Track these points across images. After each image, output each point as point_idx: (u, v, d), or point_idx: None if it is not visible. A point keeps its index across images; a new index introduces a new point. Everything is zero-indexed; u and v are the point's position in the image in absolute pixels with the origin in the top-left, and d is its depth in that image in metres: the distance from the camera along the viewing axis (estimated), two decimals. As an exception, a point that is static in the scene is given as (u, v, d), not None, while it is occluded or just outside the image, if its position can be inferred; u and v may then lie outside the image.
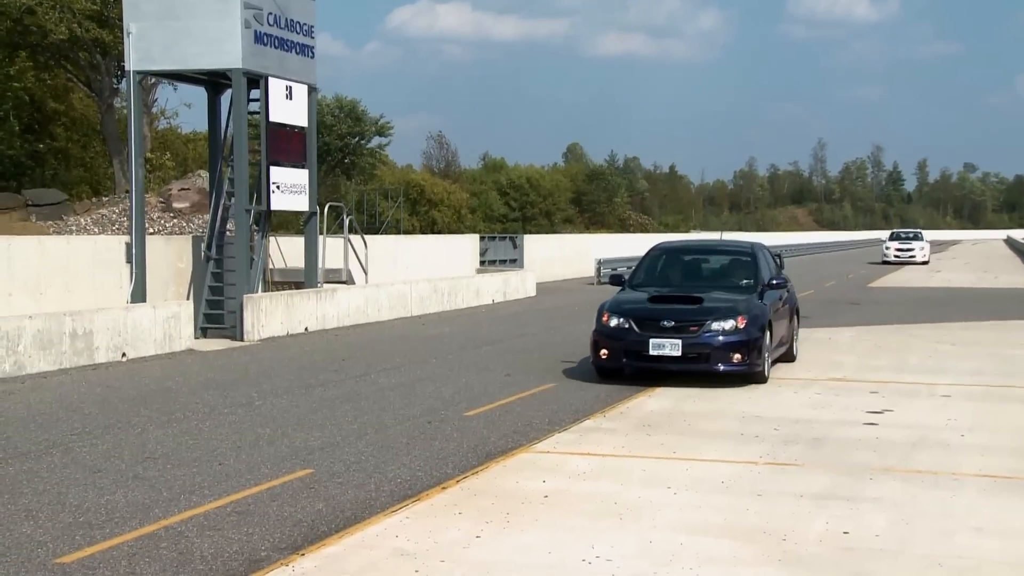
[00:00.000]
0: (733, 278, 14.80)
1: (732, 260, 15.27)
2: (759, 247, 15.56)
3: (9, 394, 13.52)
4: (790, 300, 15.73)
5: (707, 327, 13.15)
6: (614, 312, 13.62)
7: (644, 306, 13.62)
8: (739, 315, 13.25)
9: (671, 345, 13.08)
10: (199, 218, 29.06)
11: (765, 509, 7.82)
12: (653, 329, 13.22)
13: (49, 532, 7.33)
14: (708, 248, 16.61)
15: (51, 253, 20.03)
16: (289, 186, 21.58)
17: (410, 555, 6.70)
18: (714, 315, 13.25)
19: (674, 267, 15.24)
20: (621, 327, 13.41)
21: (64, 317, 16.01)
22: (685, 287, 14.45)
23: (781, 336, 14.76)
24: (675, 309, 13.43)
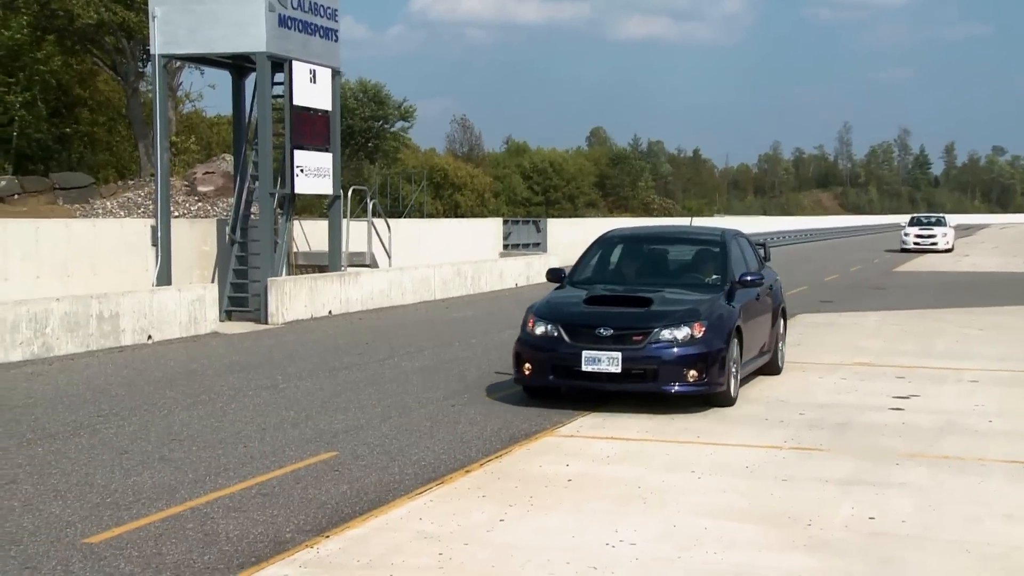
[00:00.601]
0: (697, 273, 12.15)
1: (697, 252, 12.54)
2: (732, 235, 12.76)
3: (37, 376, 13.62)
4: (773, 299, 13.05)
5: (655, 336, 10.55)
6: (541, 317, 11.00)
7: (578, 309, 11.04)
8: (696, 321, 10.66)
9: (608, 359, 10.47)
10: (223, 201, 29.15)
11: (790, 494, 7.79)
12: (587, 338, 10.62)
13: (77, 512, 7.38)
14: (668, 236, 13.46)
15: (78, 236, 20.15)
16: (313, 169, 21.62)
17: (434, 538, 6.72)
18: (664, 321, 10.65)
19: (626, 260, 12.58)
20: (548, 335, 10.83)
21: (91, 300, 16.11)
22: (637, 284, 11.80)
23: (761, 344, 12.35)
24: (615, 313, 10.88)
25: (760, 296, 12.31)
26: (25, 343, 14.90)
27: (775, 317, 12.99)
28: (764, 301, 12.51)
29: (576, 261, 12.59)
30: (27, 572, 6.20)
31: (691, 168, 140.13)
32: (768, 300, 12.76)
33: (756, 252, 13.36)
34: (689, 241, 12.90)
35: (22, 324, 14.87)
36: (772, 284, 13.18)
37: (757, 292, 12.19)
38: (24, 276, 18.88)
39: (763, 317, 12.45)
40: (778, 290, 13.49)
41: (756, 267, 12.86)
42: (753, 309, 11.95)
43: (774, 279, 13.42)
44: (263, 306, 20.24)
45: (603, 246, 12.79)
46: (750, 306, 11.83)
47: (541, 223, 43.69)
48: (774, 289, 13.24)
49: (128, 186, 32.07)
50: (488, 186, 66.69)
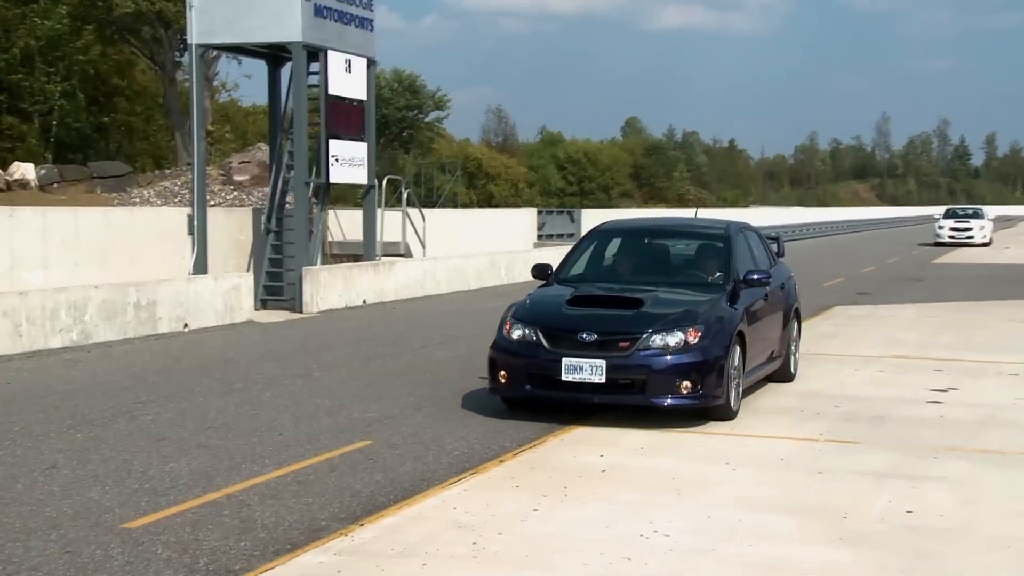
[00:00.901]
0: (697, 271, 11.12)
1: (698, 247, 11.48)
2: (737, 229, 11.65)
3: (76, 363, 13.77)
4: (784, 300, 11.97)
5: (644, 342, 9.51)
6: (519, 319, 10.00)
7: (559, 311, 10.04)
8: (691, 325, 9.63)
9: (592, 367, 9.44)
10: (259, 191, 29.31)
11: (826, 486, 7.75)
12: (568, 344, 9.60)
13: (116, 498, 7.47)
14: (667, 230, 12.13)
15: (116, 224, 20.33)
16: (348, 159, 21.69)
17: (467, 527, 6.74)
18: (655, 325, 9.62)
19: (620, 255, 11.56)
20: (526, 340, 9.81)
21: (128, 288, 16.26)
22: (630, 282, 10.74)
23: (769, 350, 11.31)
24: (601, 316, 9.87)
25: (769, 296, 11.22)
26: (64, 330, 15.07)
27: (786, 319, 11.90)
28: (774, 302, 11.44)
29: (565, 256, 11.58)
30: (67, 556, 6.28)
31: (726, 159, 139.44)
32: (778, 300, 11.69)
33: (767, 247, 12.31)
34: (690, 235, 11.79)
35: (61, 311, 15.04)
36: (784, 283, 12.09)
37: (765, 292, 11.10)
38: (63, 264, 19.08)
39: (771, 319, 11.35)
40: (791, 289, 12.39)
41: (766, 264, 11.82)
42: (760, 311, 10.90)
43: (786, 277, 12.34)
44: (298, 295, 20.34)
45: (595, 239, 11.69)
46: (756, 308, 10.78)
47: (575, 214, 43.63)
48: (786, 288, 12.14)
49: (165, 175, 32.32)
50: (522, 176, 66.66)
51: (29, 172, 28.58)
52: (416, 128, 61.36)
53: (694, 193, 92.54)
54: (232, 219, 23.12)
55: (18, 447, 8.96)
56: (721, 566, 6.08)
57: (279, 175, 22.19)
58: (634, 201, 79.97)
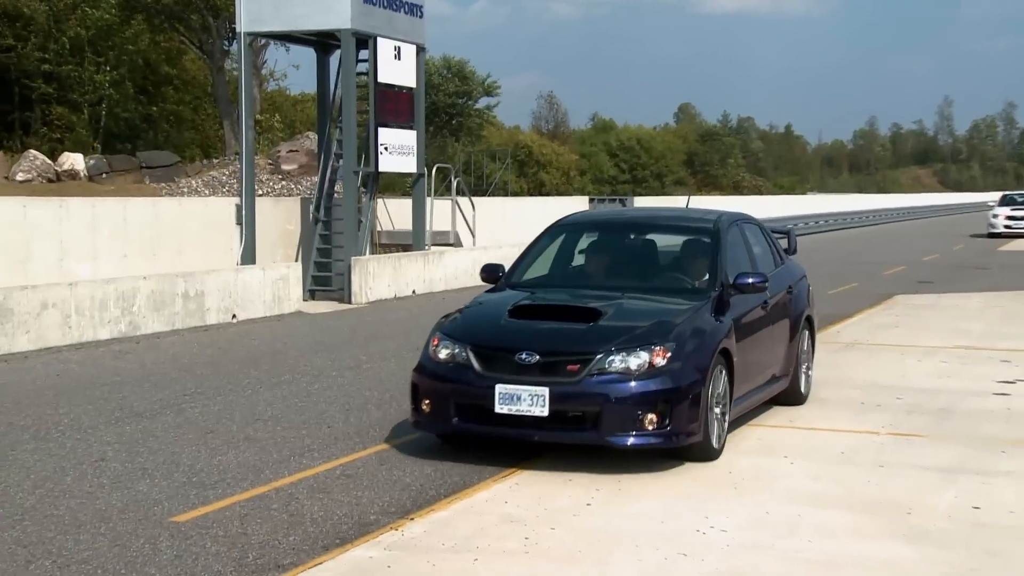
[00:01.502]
0: (678, 273, 9.44)
1: (682, 244, 9.79)
2: (730, 222, 9.90)
3: (125, 354, 13.92)
4: (792, 307, 10.26)
5: (598, 364, 7.83)
6: (448, 335, 8.39)
7: (496, 325, 8.43)
8: (660, 342, 7.95)
9: (532, 397, 7.79)
10: (307, 180, 29.46)
11: (888, 481, 7.63)
12: (504, 366, 7.97)
13: (164, 491, 7.52)
14: (643, 223, 10.35)
15: (164, 215, 20.53)
16: (397, 147, 21.73)
17: (519, 521, 6.71)
18: (614, 342, 7.95)
19: (587, 254, 9.90)
20: (454, 361, 8.19)
21: (177, 278, 16.41)
22: (596, 288, 9.15)
23: (768, 369, 9.63)
24: (546, 331, 8.23)
25: (769, 304, 9.55)
26: (113, 321, 15.24)
27: (794, 330, 10.17)
28: (777, 310, 9.80)
29: (520, 254, 9.95)
30: (116, 549, 6.33)
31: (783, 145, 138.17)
32: (783, 308, 10.02)
33: (773, 243, 10.70)
34: (671, 229, 10.02)
35: (110, 302, 15.21)
36: (792, 286, 10.38)
37: (764, 299, 9.40)
38: (112, 254, 19.31)
39: (772, 332, 9.65)
40: (801, 293, 10.58)
41: (770, 263, 10.22)
42: (756, 322, 9.23)
43: (795, 279, 10.61)
44: (346, 285, 20.43)
45: (557, 235, 10.01)
46: (751, 318, 9.12)
47: (628, 202, 43.46)
48: (795, 292, 10.38)
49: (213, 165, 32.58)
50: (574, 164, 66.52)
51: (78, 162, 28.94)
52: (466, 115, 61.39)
53: (749, 180, 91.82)
54: (280, 209, 23.27)
55: (67, 439, 9.07)
56: (780, 563, 6.00)
57: (328, 164, 22.29)
58: (688, 189, 79.50)
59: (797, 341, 10.23)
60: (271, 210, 22.87)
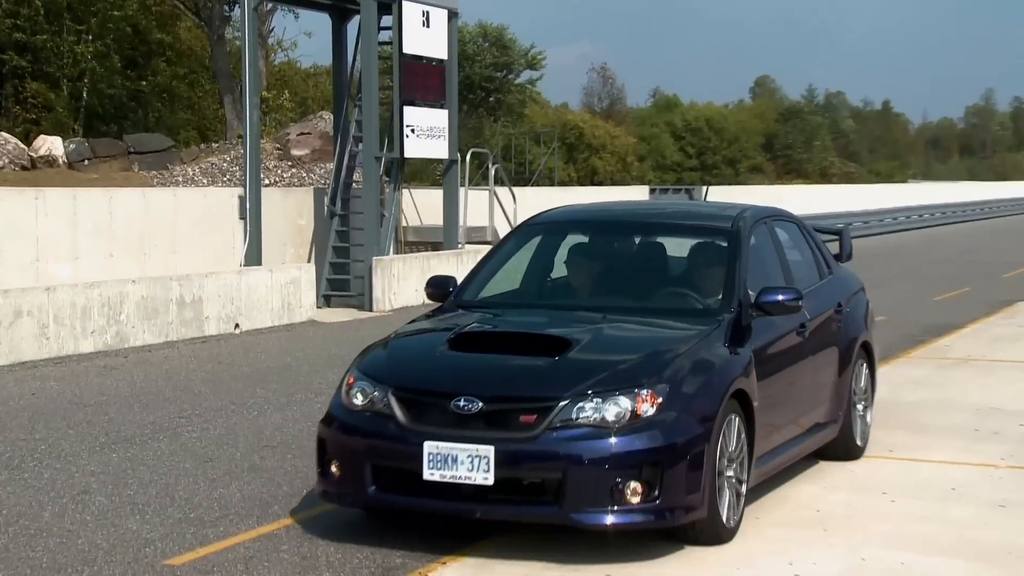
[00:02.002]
0: (683, 288, 8.50)
1: (691, 250, 8.85)
2: (757, 218, 8.96)
3: (111, 369, 14.05)
4: (842, 331, 9.33)
5: (562, 413, 6.85)
6: (366, 373, 7.47)
7: (429, 359, 7.51)
8: (647, 384, 6.97)
9: (473, 459, 6.80)
10: (321, 167, 29.62)
11: (1011, 523, 7.57)
12: (437, 416, 7.03)
13: (157, 529, 7.58)
14: (641, 222, 9.37)
15: (155, 208, 20.69)
16: (425, 129, 21.80)
17: (571, 567, 6.70)
18: (585, 383, 6.96)
19: (570, 263, 8.89)
20: (373, 409, 7.24)
21: (171, 282, 16.55)
22: (575, 307, 8.31)
23: (810, 416, 8.74)
24: (495, 367, 7.27)
25: (808, 328, 8.61)
26: (97, 332, 15.39)
27: (845, 362, 9.22)
28: (819, 336, 8.88)
29: (478, 263, 9.06)
30: (101, 597, 6.38)
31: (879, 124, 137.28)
32: (829, 333, 9.11)
33: (818, 248, 9.79)
34: (676, 230, 9.04)
35: (94, 310, 15.37)
36: (842, 303, 9.45)
37: (800, 321, 8.48)
38: (96, 254, 19.48)
39: (812, 365, 8.74)
40: (856, 312, 9.71)
41: (812, 273, 9.39)
42: (787, 353, 8.36)
43: (848, 293, 9.73)
44: (367, 290, 20.51)
45: (527, 237, 9.14)
46: (779, 348, 8.23)
47: (695, 192, 43.33)
48: (846, 312, 9.45)
49: (212, 150, 32.81)
50: (632, 148, 66.42)
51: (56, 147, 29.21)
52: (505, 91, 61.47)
53: (839, 166, 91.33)
54: (290, 201, 23.41)
55: (45, 469, 9.16)
56: (879, 619, 5.95)
57: (345, 149, 22.39)
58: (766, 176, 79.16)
59: (849, 376, 9.25)
60: (280, 202, 23.01)
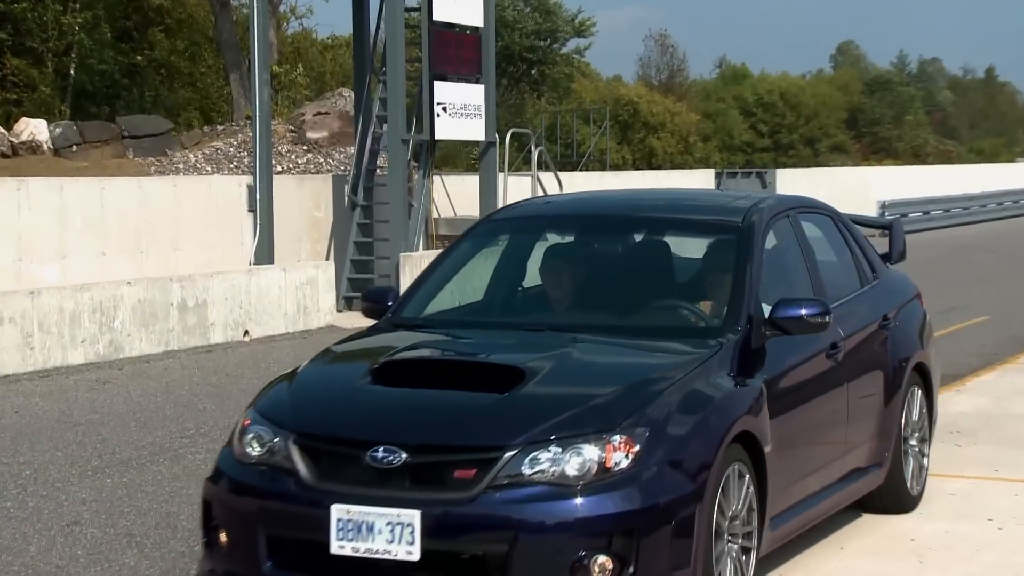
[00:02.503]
0: (679, 301, 7.73)
1: (694, 250, 8.29)
2: (774, 211, 8.11)
3: (104, 383, 14.13)
4: (890, 349, 8.57)
5: (508, 467, 6.03)
6: (264, 414, 6.64)
7: (345, 395, 6.68)
8: (618, 429, 6.12)
9: (394, 527, 6.02)
10: (340, 152, 29.70)
11: None
12: (349, 471, 6.22)
13: (158, 564, 7.60)
14: (626, 217, 8.57)
15: (153, 199, 20.78)
16: (459, 107, 21.79)
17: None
18: (539, 427, 6.14)
19: (544, 270, 8.13)
20: (271, 461, 6.41)
21: (171, 283, 16.64)
22: (541, 325, 7.56)
23: (845, 460, 7.93)
24: (425, 407, 6.47)
25: (843, 348, 7.86)
26: (88, 341, 15.48)
27: (893, 388, 8.45)
28: (857, 357, 8.10)
29: (425, 269, 8.42)
30: (94, 641, 6.41)
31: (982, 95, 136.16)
32: (871, 353, 8.38)
33: (859, 246, 9.04)
34: (676, 227, 8.29)
35: (84, 316, 15.46)
36: (889, 315, 8.72)
37: (832, 340, 7.73)
38: (86, 252, 19.58)
39: (847, 395, 7.92)
40: (908, 326, 8.95)
41: (851, 278, 8.73)
42: (812, 381, 7.58)
43: (897, 303, 9.02)
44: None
45: (490, 237, 8.56)
46: (801, 376, 7.47)
47: (768, 175, 43.21)
48: (895, 326, 8.72)
49: (217, 133, 32.94)
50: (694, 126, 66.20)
51: (41, 131, 29.39)
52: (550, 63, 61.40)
53: (934, 144, 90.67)
54: (306, 190, 23.47)
55: (30, 496, 9.21)
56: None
57: (368, 131, 22.42)
58: (850, 157, 78.72)
59: (898, 406, 8.47)
60: (294, 192, 23.07)
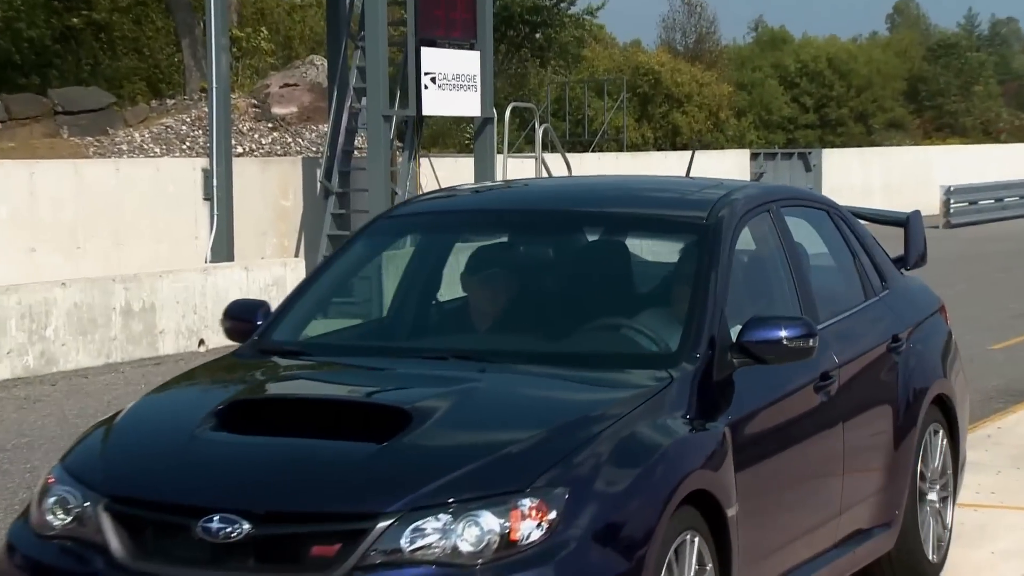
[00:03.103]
0: (623, 319, 7.03)
1: (637, 258, 7.58)
2: (749, 205, 7.43)
3: (34, 401, 14.13)
4: (900, 378, 7.92)
5: (384, 541, 5.40)
6: (73, 473, 6.01)
7: (176, 446, 5.97)
8: (532, 487, 5.49)
9: None
10: (312, 130, 29.72)
11: None
12: (175, 546, 5.62)
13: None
14: (573, 212, 7.86)
15: (92, 186, 20.76)
16: (451, 78, 21.77)
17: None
18: (424, 488, 5.49)
19: (470, 279, 7.49)
20: (77, 533, 5.79)
21: (113, 284, 16.62)
22: (446, 351, 6.91)
23: (842, 521, 7.34)
24: (279, 461, 5.79)
25: (836, 379, 7.24)
26: (16, 352, 15.47)
27: (904, 428, 7.85)
28: (855, 390, 7.49)
29: (308, 276, 8.07)
30: None
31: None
32: (876, 385, 7.80)
33: (864, 249, 8.41)
34: (624, 225, 7.64)
35: (11, 323, 15.45)
36: (898, 337, 8.08)
37: (823, 369, 7.11)
38: (12, 249, 19.55)
39: (841, 438, 7.30)
40: (923, 349, 8.33)
41: (853, 290, 8.21)
42: (795, 423, 6.94)
43: (913, 320, 8.44)
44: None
45: (391, 238, 8.15)
46: (780, 416, 6.87)
47: (813, 157, 43.21)
48: (906, 350, 8.10)
49: (167, 108, 32.95)
50: (727, 99, 66.18)
51: (-40, 107, 29.44)
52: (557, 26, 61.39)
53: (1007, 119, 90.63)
54: (271, 175, 23.46)
55: (-50, 533, 9.23)
56: None
57: (343, 106, 22.43)
58: (908, 134, 78.73)
59: (911, 451, 7.86)
60: (257, 177, 23.05)
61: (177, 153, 28.09)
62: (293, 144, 29.77)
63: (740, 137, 62.83)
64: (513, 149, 26.59)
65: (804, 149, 46.97)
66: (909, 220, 8.99)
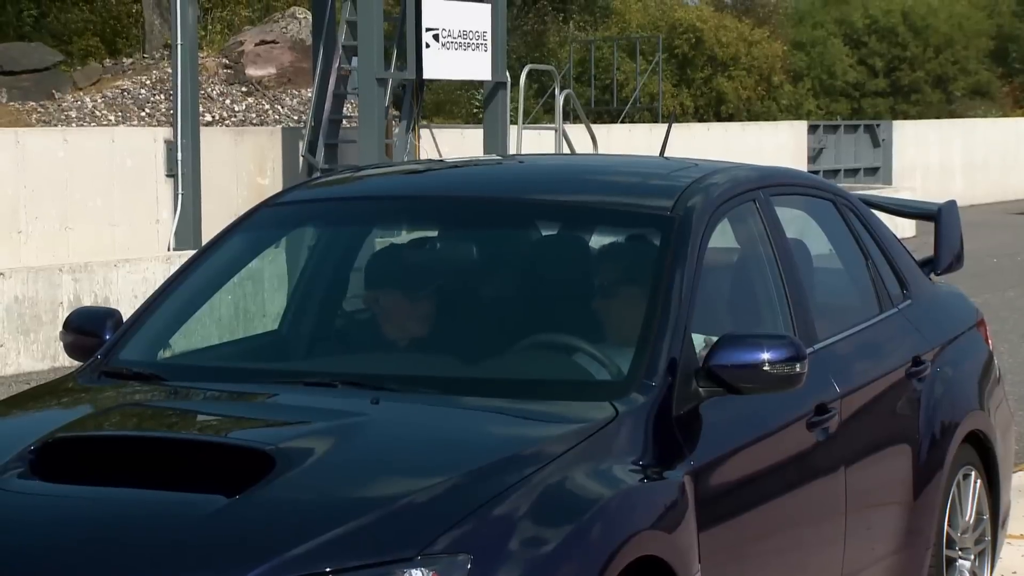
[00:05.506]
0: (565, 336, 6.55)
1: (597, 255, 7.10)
2: (725, 194, 6.92)
3: (-31, 411, 14.26)
4: (923, 410, 7.53)
5: None
6: None
7: None
8: (427, 554, 4.90)
9: None
10: (293, 96, 29.82)
11: None
12: None
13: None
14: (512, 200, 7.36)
15: (35, 160, 20.84)
16: (456, 35, 21.84)
17: None
18: (285, 552, 4.88)
19: (374, 282, 7.14)
20: None
21: (60, 275, 16.72)
22: (338, 375, 6.42)
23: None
24: (98, 517, 5.20)
25: (835, 413, 6.77)
26: (-52, 352, 15.61)
27: (925, 474, 7.45)
28: (863, 427, 7.11)
29: (170, 277, 7.34)
30: None
31: None
32: (886, 419, 7.40)
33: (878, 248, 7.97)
34: (573, 217, 7.19)
35: (-57, 318, 15.59)
36: (920, 359, 7.65)
37: (818, 401, 6.66)
38: (-55, 233, 19.71)
39: (842, 487, 6.87)
40: (954, 374, 7.94)
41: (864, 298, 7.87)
42: (777, 472, 6.50)
43: (942, 339, 8.04)
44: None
45: (279, 232, 7.70)
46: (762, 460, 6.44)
47: (882, 130, 43.20)
48: (932, 375, 7.69)
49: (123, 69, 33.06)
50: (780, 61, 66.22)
51: None
52: (581, -26, 61.57)
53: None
54: (246, 148, 23.53)
55: None
56: None
57: (331, 67, 22.50)
58: (994, 103, 78.68)
59: (938, 500, 7.48)
60: (229, 150, 23.12)
61: (135, 122, 28.19)
62: (271, 112, 29.87)
63: (796, 106, 62.74)
64: (529, 119, 26.66)
65: (872, 120, 46.93)
66: (941, 213, 8.43)
